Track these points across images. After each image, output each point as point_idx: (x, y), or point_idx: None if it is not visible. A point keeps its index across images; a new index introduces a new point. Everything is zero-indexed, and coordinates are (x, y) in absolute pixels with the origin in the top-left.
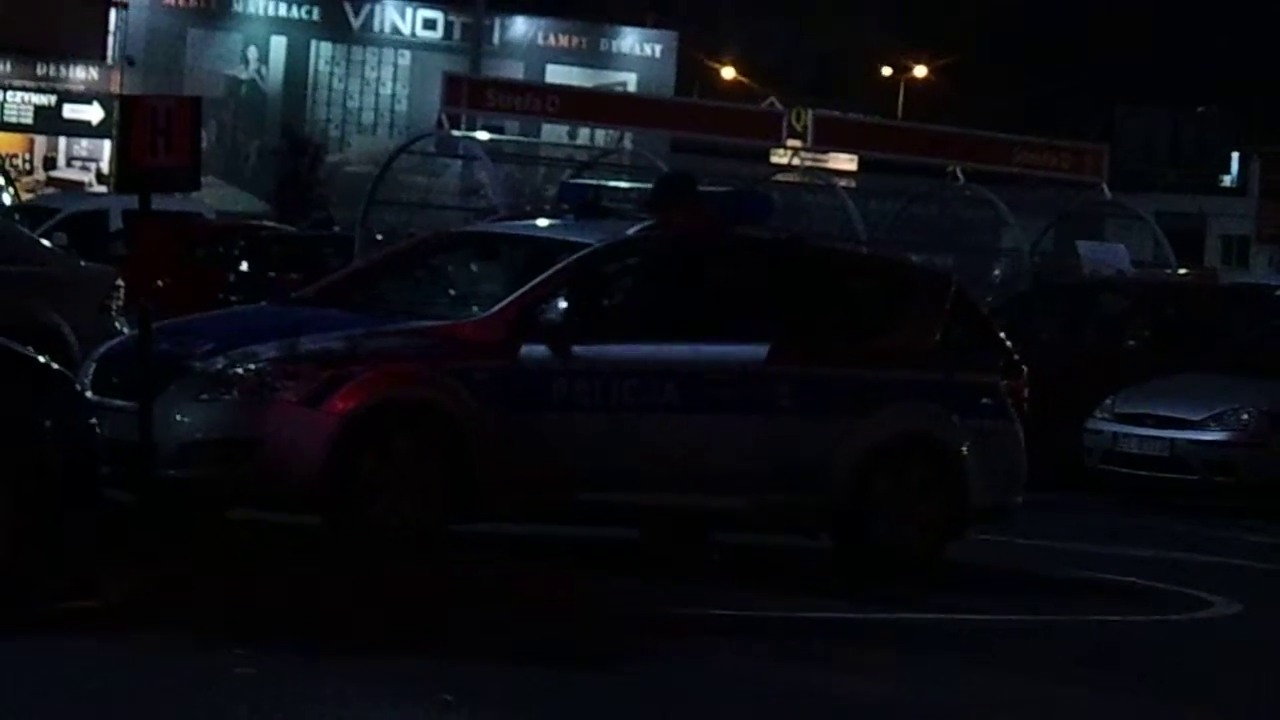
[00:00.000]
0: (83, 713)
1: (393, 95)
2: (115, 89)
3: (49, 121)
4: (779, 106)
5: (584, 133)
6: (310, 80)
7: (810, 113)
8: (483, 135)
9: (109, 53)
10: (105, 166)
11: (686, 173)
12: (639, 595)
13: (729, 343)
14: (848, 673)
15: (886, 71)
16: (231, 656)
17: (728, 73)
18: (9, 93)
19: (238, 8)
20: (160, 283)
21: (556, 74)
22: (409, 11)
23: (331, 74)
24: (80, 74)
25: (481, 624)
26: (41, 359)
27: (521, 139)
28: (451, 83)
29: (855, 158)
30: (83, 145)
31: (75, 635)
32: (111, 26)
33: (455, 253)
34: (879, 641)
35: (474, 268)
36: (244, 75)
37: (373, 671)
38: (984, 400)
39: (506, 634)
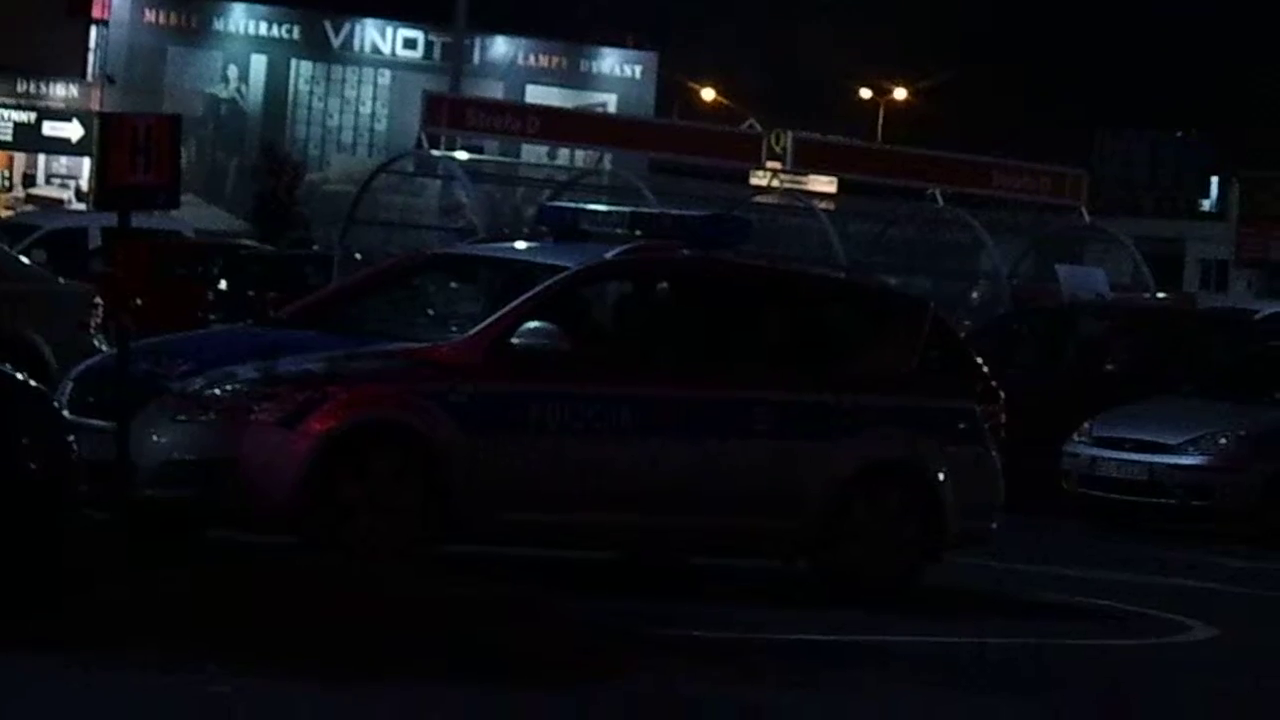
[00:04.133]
0: None
1: (372, 114)
2: (95, 106)
3: (28, 138)
4: (758, 128)
5: (563, 153)
6: (290, 99)
7: (790, 135)
8: (462, 155)
9: (89, 70)
10: (84, 184)
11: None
12: (615, 616)
13: (707, 366)
14: (821, 695)
15: (866, 94)
16: (204, 675)
17: (708, 94)
18: None
19: (218, 26)
20: (139, 301)
21: (536, 94)
22: (389, 30)
23: (311, 93)
24: (60, 91)
25: (455, 644)
26: (20, 376)
27: (501, 159)
28: (431, 102)
29: (834, 180)
30: (62, 163)
31: (47, 654)
32: (92, 44)
33: (434, 274)
34: (853, 665)
35: (453, 289)
36: (224, 94)
37: (346, 691)
38: (960, 425)
39: (481, 655)
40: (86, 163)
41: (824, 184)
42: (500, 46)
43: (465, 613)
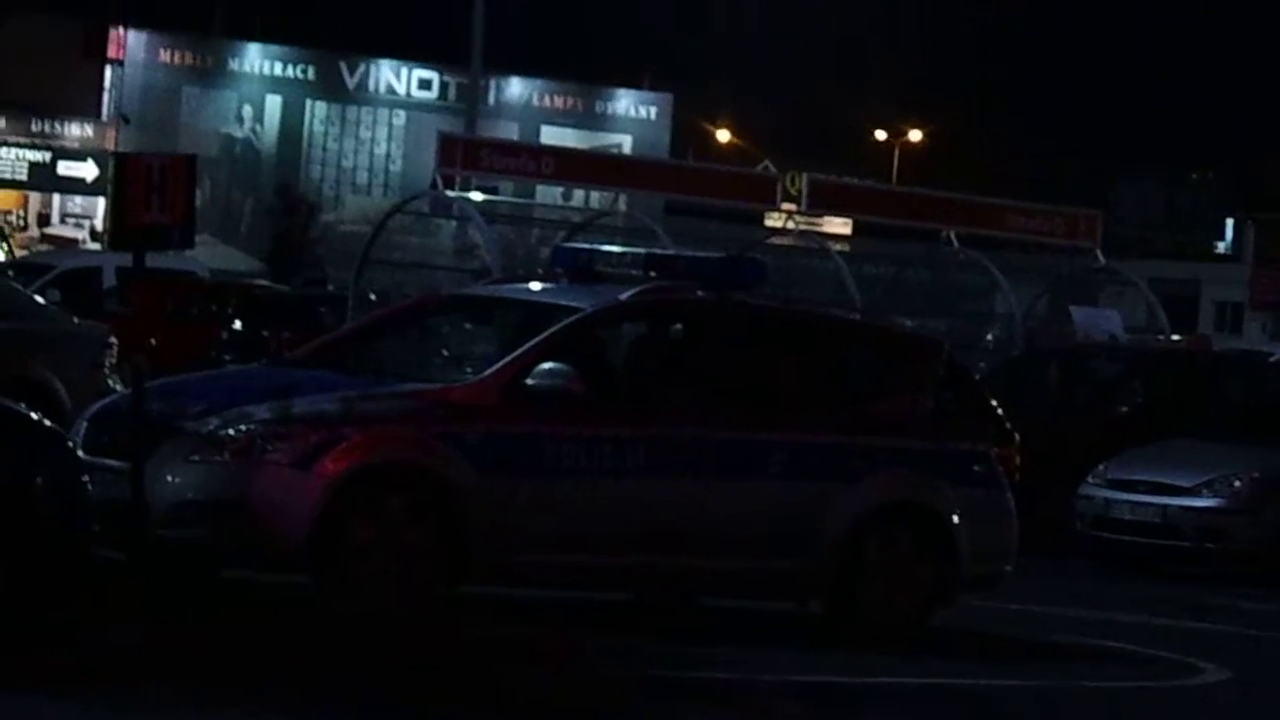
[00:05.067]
0: None
1: (387, 155)
2: (110, 146)
3: (43, 178)
4: (773, 170)
5: (578, 194)
6: (305, 139)
7: (805, 176)
8: (477, 196)
9: (104, 110)
10: (99, 223)
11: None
12: (627, 658)
13: (721, 408)
14: None
15: (881, 136)
16: (222, 717)
17: (723, 135)
18: (3, 149)
19: (233, 66)
20: (154, 341)
21: (551, 135)
22: (404, 71)
23: (326, 133)
24: (75, 131)
25: (469, 685)
26: (35, 416)
27: (516, 200)
28: (446, 143)
29: (849, 221)
30: (77, 202)
31: (60, 695)
32: (107, 83)
33: (449, 315)
34: (866, 706)
35: (467, 330)
36: (239, 133)
37: None
38: (975, 468)
39: (494, 696)
40: (101, 202)
41: (839, 225)
42: (515, 87)
43: (479, 654)
